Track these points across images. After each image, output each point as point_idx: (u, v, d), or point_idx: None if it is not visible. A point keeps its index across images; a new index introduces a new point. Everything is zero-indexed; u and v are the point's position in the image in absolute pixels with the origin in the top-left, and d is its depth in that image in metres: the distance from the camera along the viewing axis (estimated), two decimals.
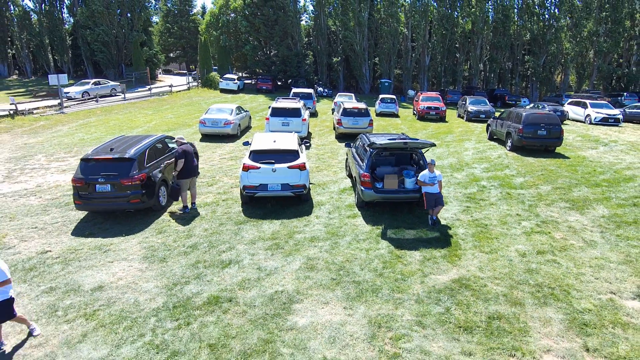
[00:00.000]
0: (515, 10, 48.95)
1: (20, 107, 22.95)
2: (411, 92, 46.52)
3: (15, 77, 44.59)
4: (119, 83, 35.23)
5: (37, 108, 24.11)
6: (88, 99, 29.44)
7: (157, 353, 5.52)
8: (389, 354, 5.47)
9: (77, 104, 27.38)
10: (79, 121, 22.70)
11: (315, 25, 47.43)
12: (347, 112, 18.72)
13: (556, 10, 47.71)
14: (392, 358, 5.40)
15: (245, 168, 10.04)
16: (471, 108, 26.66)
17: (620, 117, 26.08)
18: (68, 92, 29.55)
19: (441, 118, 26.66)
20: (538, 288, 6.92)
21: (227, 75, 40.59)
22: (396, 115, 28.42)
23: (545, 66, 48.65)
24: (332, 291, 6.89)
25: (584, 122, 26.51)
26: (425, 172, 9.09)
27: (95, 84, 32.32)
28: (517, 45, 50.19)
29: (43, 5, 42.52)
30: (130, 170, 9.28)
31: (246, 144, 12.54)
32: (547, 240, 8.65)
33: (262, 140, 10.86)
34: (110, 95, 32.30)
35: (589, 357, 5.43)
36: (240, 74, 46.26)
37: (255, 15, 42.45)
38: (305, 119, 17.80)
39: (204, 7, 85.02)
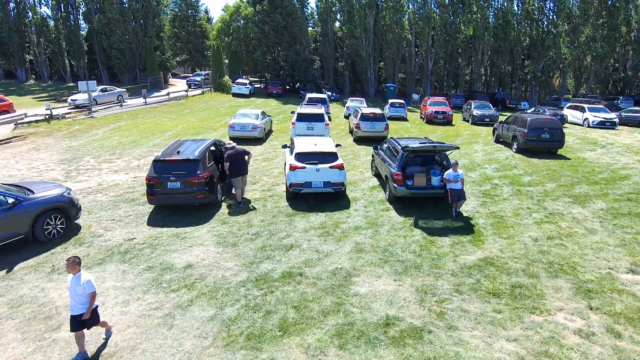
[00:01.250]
0: (515, 16, 50.57)
1: (55, 112, 24.38)
2: (415, 96, 48.12)
3: (32, 81, 45.96)
4: (125, 89, 35.34)
5: (69, 113, 25.58)
6: (113, 104, 30.56)
7: (255, 312, 7.03)
8: (436, 312, 7.00)
9: (105, 108, 28.76)
10: (110, 125, 24.17)
11: (322, 31, 49.04)
12: (364, 117, 20.26)
13: (554, 17, 49.52)
14: (440, 315, 6.93)
15: (292, 168, 11.56)
16: (476, 112, 28.28)
17: (617, 120, 27.71)
18: (75, 100, 29.28)
19: (448, 122, 28.22)
20: (549, 265, 8.47)
21: (239, 80, 42.12)
22: (405, 119, 29.97)
23: (544, 70, 50.41)
24: (382, 268, 8.42)
25: (583, 126, 28.12)
26: (450, 171, 10.63)
27: (102, 90, 31.94)
28: (517, 50, 51.85)
29: (60, 12, 44.00)
30: (197, 169, 10.80)
31: (285, 146, 14.09)
32: (555, 229, 10.21)
33: (304, 143, 12.37)
34: (118, 102, 31.78)
35: (592, 314, 6.97)
36: (250, 79, 47.72)
37: (265, 22, 44.01)
38: (327, 124, 19.33)
39: (206, 11, 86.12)
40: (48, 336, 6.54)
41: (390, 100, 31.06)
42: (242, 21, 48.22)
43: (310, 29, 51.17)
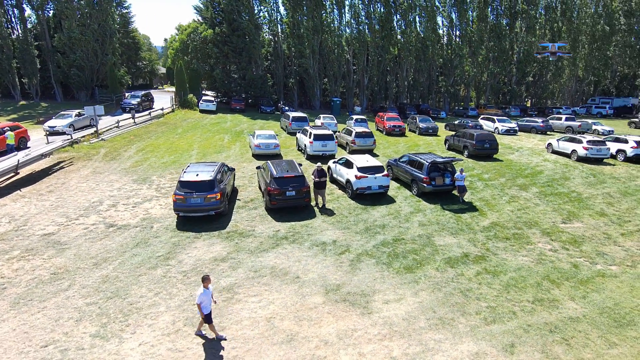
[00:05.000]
0: (431, 41, 60.95)
1: (74, 136, 26.51)
2: (357, 109, 55.87)
3: None
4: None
5: (84, 136, 27.72)
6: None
7: (396, 257, 12.86)
8: (484, 248, 13.57)
9: (107, 129, 30.81)
10: (131, 147, 27.04)
11: (274, 51, 54.28)
12: (359, 135, 26.55)
13: (460, 42, 61.11)
14: (487, 249, 13.50)
15: (358, 177, 17.37)
16: (422, 125, 36.33)
17: (517, 128, 37.85)
18: (55, 126, 28.55)
19: (402, 133, 35.79)
20: (525, 223, 15.63)
21: (206, 98, 45.51)
22: None
23: (453, 84, 61.83)
24: (442, 232, 14.79)
25: (494, 133, 37.70)
26: (458, 173, 17.43)
27: (77, 115, 30.83)
28: (433, 68, 62.61)
29: (10, 30, 43.02)
30: (305, 182, 16.09)
31: (336, 162, 19.76)
32: (518, 205, 17.57)
33: (360, 160, 18.20)
34: (90, 126, 31.21)
35: (553, 242, 14.11)
36: (214, 96, 51.00)
37: (225, 43, 47.95)
38: (336, 142, 25.18)
39: (127, 20, 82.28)
40: (297, 280, 11.66)
41: (354, 117, 37.70)
42: (196, 39, 51.18)
43: (262, 49, 55.87)
